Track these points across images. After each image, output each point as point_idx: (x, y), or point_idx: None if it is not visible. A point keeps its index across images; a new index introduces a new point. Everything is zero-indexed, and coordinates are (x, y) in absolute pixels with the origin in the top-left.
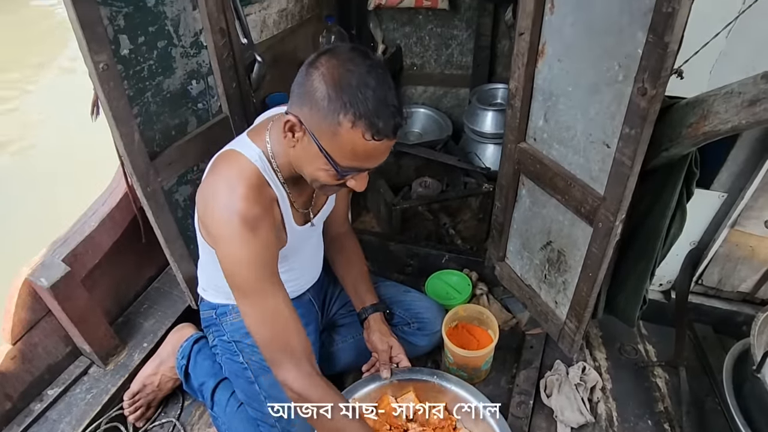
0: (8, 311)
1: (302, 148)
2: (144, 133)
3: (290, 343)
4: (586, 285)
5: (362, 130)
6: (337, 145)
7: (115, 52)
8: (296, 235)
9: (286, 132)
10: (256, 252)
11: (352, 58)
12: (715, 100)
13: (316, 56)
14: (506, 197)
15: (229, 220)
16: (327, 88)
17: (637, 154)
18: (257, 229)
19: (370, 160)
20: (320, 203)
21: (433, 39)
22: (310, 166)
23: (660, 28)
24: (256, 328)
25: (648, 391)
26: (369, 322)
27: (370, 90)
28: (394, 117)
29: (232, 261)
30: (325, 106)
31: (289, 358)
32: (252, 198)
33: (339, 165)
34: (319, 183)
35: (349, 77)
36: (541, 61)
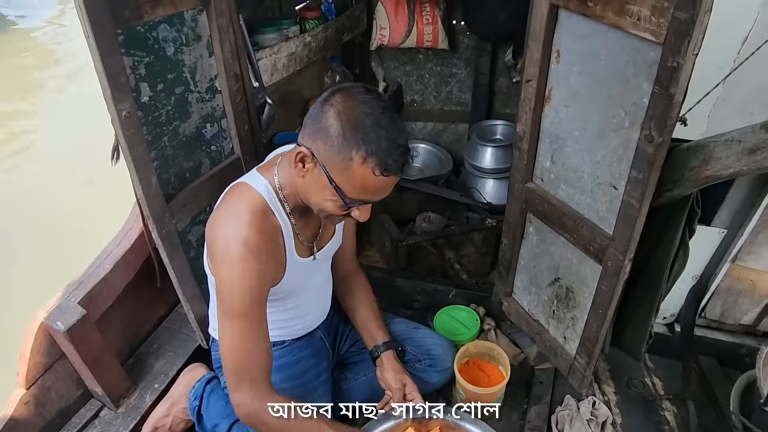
0: (24, 356)
1: (312, 178)
2: (160, 177)
3: (256, 370)
4: (596, 321)
5: (372, 167)
6: (347, 179)
7: (136, 100)
8: (299, 268)
9: (297, 162)
10: (254, 279)
11: (366, 100)
12: (716, 146)
13: (330, 94)
14: (513, 234)
15: (231, 245)
16: (342, 126)
17: (645, 197)
18: (257, 256)
19: (377, 193)
20: (326, 238)
21: (433, 77)
22: (318, 196)
23: (665, 81)
24: (227, 349)
25: (657, 425)
26: (382, 359)
27: (383, 130)
28: (403, 155)
29: (226, 284)
30: (340, 143)
31: (250, 384)
32: (256, 225)
33: (347, 197)
34: (325, 212)
35: (364, 118)
36: (547, 106)
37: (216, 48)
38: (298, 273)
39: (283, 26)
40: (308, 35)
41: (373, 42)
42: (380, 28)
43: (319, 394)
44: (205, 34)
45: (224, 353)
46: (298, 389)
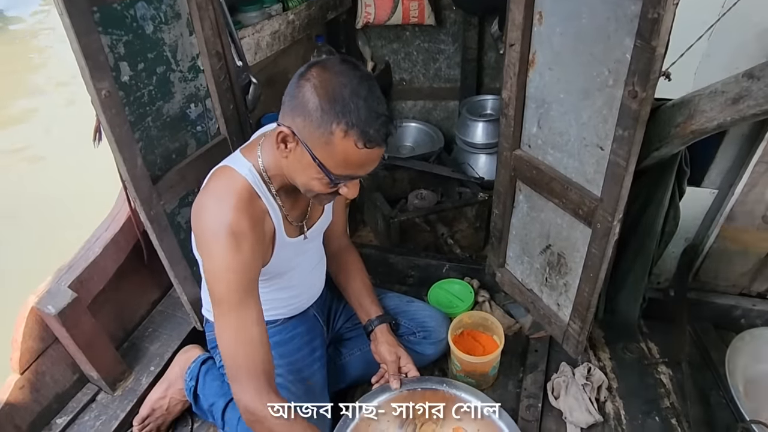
0: (16, 340)
1: (295, 158)
2: (146, 158)
3: (254, 363)
4: (588, 285)
5: (354, 139)
6: (329, 154)
7: (116, 79)
8: (289, 248)
9: (279, 143)
10: (239, 265)
11: (343, 70)
12: (700, 99)
13: (306, 68)
14: (504, 204)
15: (217, 231)
16: (319, 100)
17: (631, 155)
18: (242, 242)
19: (362, 167)
20: (315, 216)
21: (421, 54)
22: (303, 176)
23: (647, 33)
24: (223, 340)
25: (653, 388)
26: (375, 333)
27: (362, 100)
28: (385, 125)
29: (213, 271)
30: (318, 117)
31: (248, 378)
32: (241, 209)
33: (332, 173)
34: (312, 192)
35: (341, 89)
36: (531, 70)
37: (196, 26)
38: (288, 253)
39: (265, 4)
40: (291, 13)
41: (359, 20)
42: (365, 6)
43: (314, 370)
44: (184, 12)
45: (221, 344)
46: (292, 366)
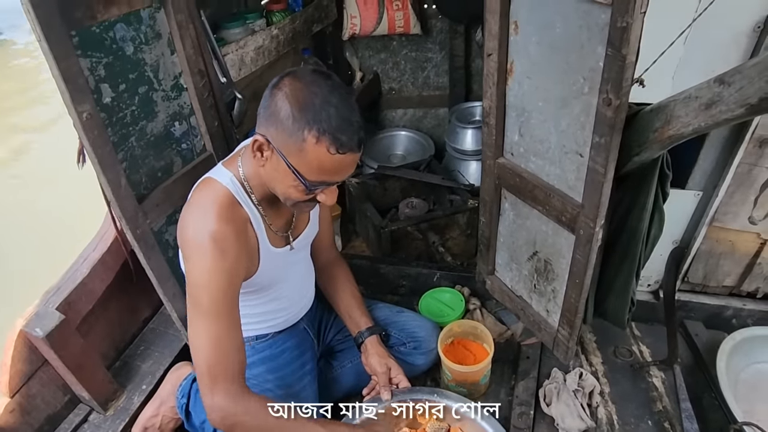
0: (5, 364)
1: (271, 166)
2: (130, 177)
3: (231, 372)
4: (574, 291)
5: (326, 145)
6: (303, 161)
7: (97, 101)
8: (275, 259)
9: (255, 151)
10: (222, 273)
11: (314, 79)
12: (676, 104)
13: (279, 78)
14: (490, 212)
15: (200, 240)
16: (291, 108)
17: (609, 161)
18: (226, 249)
19: (337, 173)
20: (301, 226)
21: (409, 63)
22: (280, 183)
23: (617, 42)
24: (201, 349)
25: (645, 392)
26: (366, 345)
27: (333, 108)
28: (357, 132)
29: (196, 279)
30: (290, 125)
31: (225, 386)
32: (223, 217)
33: (307, 180)
34: (291, 200)
35: (312, 97)
36: (510, 79)
37: (177, 45)
38: (275, 264)
39: (248, 20)
40: (275, 28)
41: (345, 31)
42: (350, 17)
43: (304, 384)
44: (165, 32)
45: (194, 352)
46: (282, 381)
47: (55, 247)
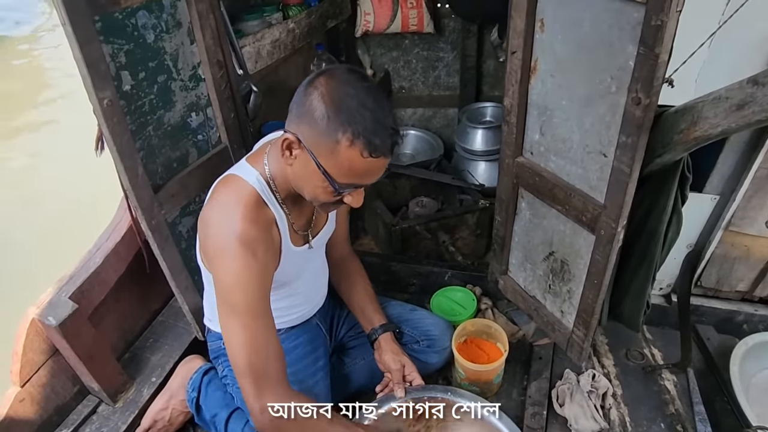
0: (16, 353)
1: (300, 165)
2: (147, 167)
3: (273, 371)
4: (592, 292)
5: (360, 148)
6: (334, 163)
7: (117, 88)
8: (294, 257)
9: (284, 150)
10: (253, 273)
11: (350, 80)
12: (704, 105)
13: (314, 76)
14: (506, 211)
15: (227, 242)
16: (326, 108)
17: (635, 161)
18: (255, 250)
19: (367, 176)
20: (319, 225)
21: (420, 62)
22: (308, 184)
23: (650, 41)
24: (240, 351)
25: (658, 395)
26: (380, 342)
27: (368, 111)
28: (391, 136)
29: (228, 282)
30: (324, 125)
31: (271, 386)
32: (250, 219)
33: (336, 182)
34: (318, 201)
35: (348, 98)
36: (533, 77)
37: (197, 34)
38: (293, 262)
39: (265, 13)
40: (291, 21)
41: (358, 28)
42: (364, 14)
43: (317, 380)
44: (185, 21)
45: (234, 353)
46: (294, 376)
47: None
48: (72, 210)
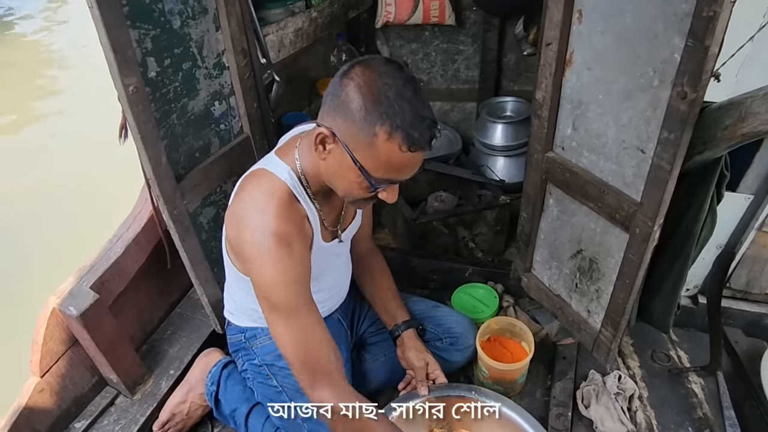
0: (36, 343)
1: (334, 160)
2: (170, 156)
3: (326, 363)
4: (623, 292)
5: (399, 142)
6: (371, 157)
7: (143, 75)
8: (324, 252)
9: (317, 144)
10: (292, 270)
11: (387, 71)
12: (753, 101)
13: (350, 67)
14: (533, 207)
15: (262, 240)
16: (363, 100)
17: (677, 158)
18: (291, 246)
19: (404, 171)
20: (348, 220)
21: (440, 54)
22: (342, 179)
23: (700, 32)
24: (290, 347)
25: (685, 398)
26: (403, 339)
27: (407, 102)
28: (429, 129)
29: (268, 280)
30: (362, 118)
31: (325, 378)
32: (284, 215)
33: (373, 177)
34: (352, 197)
35: (386, 90)
36: (568, 70)
37: (223, 21)
38: (322, 257)
39: (288, 1)
40: (314, 10)
41: (379, 19)
42: (385, 5)
43: None
44: (211, 7)
45: (284, 350)
46: None
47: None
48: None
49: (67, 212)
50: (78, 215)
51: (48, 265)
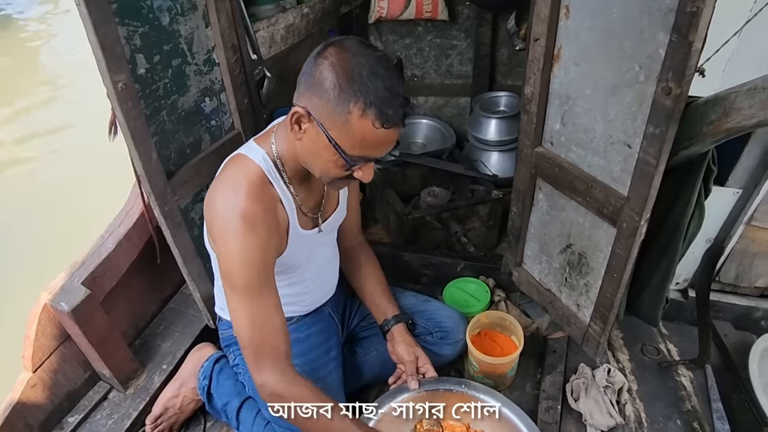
0: (28, 338)
1: (309, 139)
2: (160, 152)
3: (272, 347)
4: (611, 286)
5: (372, 119)
6: (345, 134)
7: (132, 72)
8: (303, 241)
9: (293, 124)
10: (254, 251)
11: (360, 50)
12: (737, 96)
13: (323, 47)
14: (522, 202)
15: (230, 218)
16: (337, 78)
17: (662, 153)
18: (257, 228)
19: (378, 148)
20: (330, 209)
21: (433, 50)
22: (318, 159)
23: (684, 28)
24: (242, 327)
25: (674, 391)
26: (393, 333)
27: (380, 80)
28: (402, 106)
29: (231, 260)
30: (336, 96)
31: (269, 361)
32: (254, 196)
33: (347, 154)
34: (328, 176)
35: (360, 68)
36: (556, 65)
37: (212, 17)
38: (302, 245)
39: None
40: (305, 6)
41: (372, 14)
42: (378, 0)
43: (329, 370)
44: (200, 4)
45: (237, 330)
46: (307, 365)
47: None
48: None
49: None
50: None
51: (39, 263)
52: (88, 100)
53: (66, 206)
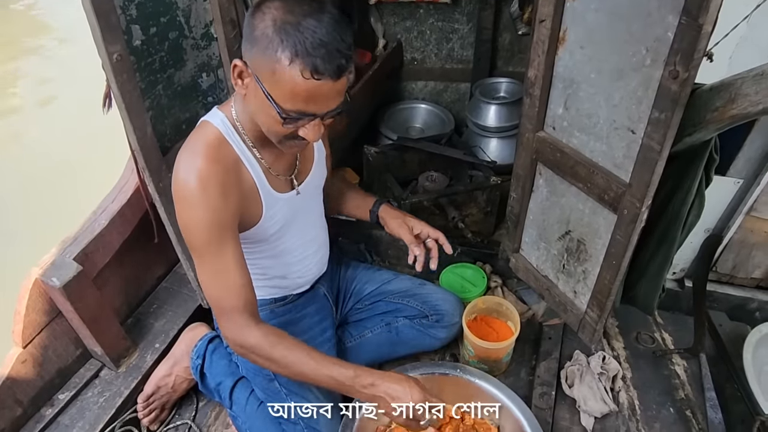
0: (19, 313)
1: (252, 94)
2: (156, 127)
3: (233, 301)
4: (609, 273)
5: (300, 68)
6: (276, 84)
7: (127, 43)
8: (280, 204)
9: (236, 79)
10: (212, 211)
11: (297, 1)
12: (743, 82)
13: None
14: (522, 187)
15: (186, 181)
16: (267, 28)
17: (667, 139)
18: (212, 188)
19: (312, 102)
20: (306, 169)
21: (434, 33)
22: (261, 114)
23: (694, 10)
24: (205, 285)
25: (668, 379)
26: (383, 217)
27: (310, 30)
28: (336, 58)
29: (187, 218)
30: (266, 45)
31: (232, 314)
32: (210, 157)
33: (281, 107)
34: (274, 135)
35: (290, 17)
36: (561, 48)
37: None
38: (280, 209)
39: None
40: None
41: None
42: None
43: (325, 351)
44: None
45: (204, 289)
46: None
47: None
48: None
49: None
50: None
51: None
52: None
53: (65, 183)
